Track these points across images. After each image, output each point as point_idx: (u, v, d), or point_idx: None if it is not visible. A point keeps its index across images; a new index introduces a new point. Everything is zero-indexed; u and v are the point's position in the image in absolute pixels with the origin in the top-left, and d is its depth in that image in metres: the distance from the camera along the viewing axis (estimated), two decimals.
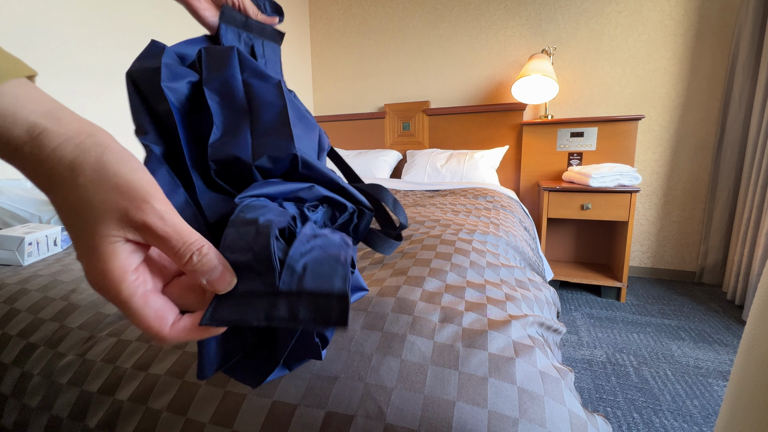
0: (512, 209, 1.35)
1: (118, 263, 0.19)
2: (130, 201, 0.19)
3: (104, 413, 0.39)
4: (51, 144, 0.18)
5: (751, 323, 0.24)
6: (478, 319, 0.45)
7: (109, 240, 0.19)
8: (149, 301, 0.20)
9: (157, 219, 0.19)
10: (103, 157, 0.19)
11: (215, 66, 0.34)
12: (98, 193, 0.18)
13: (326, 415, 0.33)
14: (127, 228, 0.19)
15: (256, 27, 0.42)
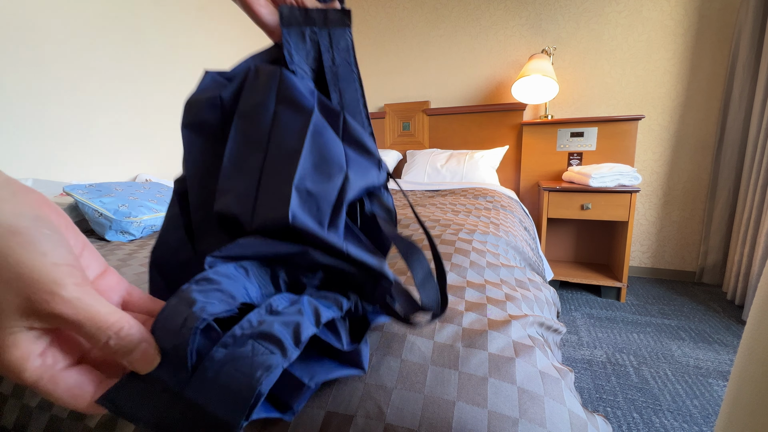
0: (512, 209, 1.35)
1: (18, 353, 0.17)
2: (34, 292, 0.16)
3: (104, 413, 0.39)
4: None
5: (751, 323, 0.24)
6: (478, 319, 0.45)
7: (9, 331, 0.17)
8: (59, 382, 0.18)
9: (67, 308, 0.17)
10: (3, 242, 0.16)
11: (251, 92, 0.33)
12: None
13: (326, 415, 0.33)
14: (31, 318, 0.17)
15: (318, 18, 0.37)
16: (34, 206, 0.18)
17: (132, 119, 1.52)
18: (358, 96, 0.39)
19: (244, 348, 0.21)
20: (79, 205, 0.96)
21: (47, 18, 1.22)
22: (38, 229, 0.17)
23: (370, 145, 0.34)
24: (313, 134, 0.32)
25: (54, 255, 0.17)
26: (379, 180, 0.34)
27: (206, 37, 1.88)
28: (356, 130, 0.35)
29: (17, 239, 0.17)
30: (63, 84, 1.28)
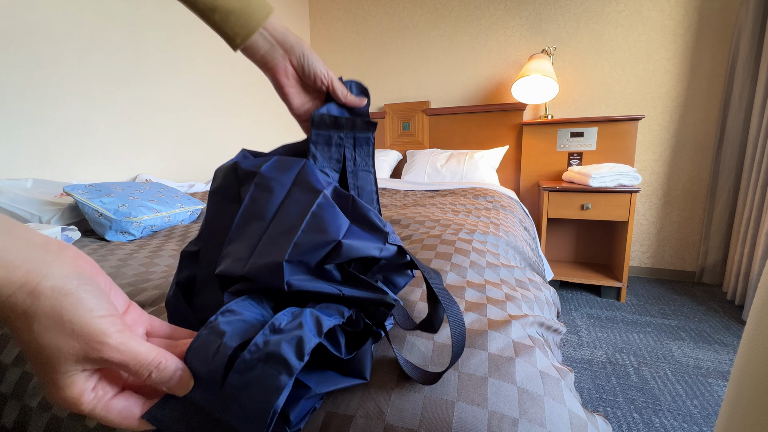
0: (512, 209, 1.35)
1: (76, 391, 0.20)
2: (86, 344, 0.20)
3: None
4: (3, 293, 0.18)
5: (751, 323, 0.24)
6: (478, 319, 0.45)
7: (68, 374, 0.20)
8: (111, 408, 0.22)
9: (114, 353, 0.20)
10: (57, 303, 0.19)
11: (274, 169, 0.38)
12: (54, 339, 0.19)
13: (326, 415, 0.33)
14: (85, 363, 0.20)
15: (346, 123, 0.43)
16: (74, 264, 0.21)
17: (132, 119, 1.52)
18: (373, 195, 0.45)
19: (254, 372, 0.24)
20: (79, 205, 0.96)
21: (47, 18, 1.22)
22: (83, 287, 0.21)
23: (377, 223, 0.37)
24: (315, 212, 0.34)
25: (98, 309, 0.21)
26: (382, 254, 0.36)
27: (206, 37, 1.88)
28: (364, 208, 0.38)
29: (69, 299, 0.20)
30: (63, 84, 1.28)
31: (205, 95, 1.89)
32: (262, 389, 0.23)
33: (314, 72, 0.41)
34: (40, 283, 0.19)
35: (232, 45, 0.39)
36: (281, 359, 0.24)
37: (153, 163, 1.63)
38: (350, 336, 0.35)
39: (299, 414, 0.30)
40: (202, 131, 1.89)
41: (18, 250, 0.19)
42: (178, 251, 0.85)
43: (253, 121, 2.27)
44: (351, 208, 0.38)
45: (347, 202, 0.38)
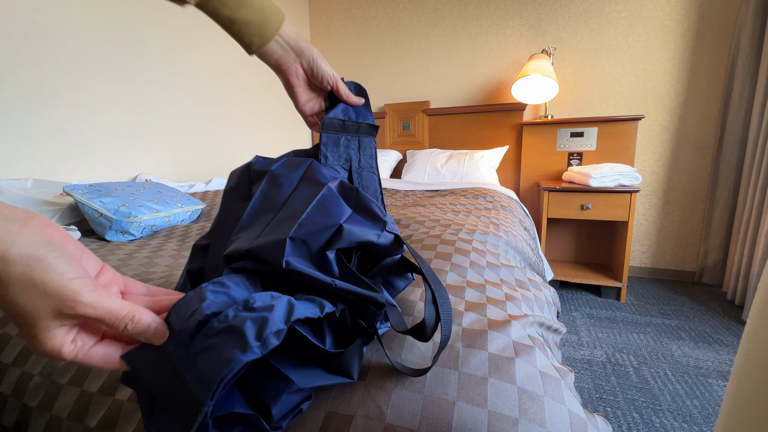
0: (512, 209, 1.35)
1: (56, 343, 0.22)
2: (60, 302, 0.21)
3: (104, 413, 0.39)
4: None
5: (751, 323, 0.24)
6: (478, 319, 0.45)
7: (47, 329, 0.22)
8: (92, 354, 0.24)
9: (88, 309, 0.22)
10: (28, 269, 0.21)
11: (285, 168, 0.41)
12: (29, 300, 0.21)
13: (326, 415, 0.33)
14: (62, 319, 0.22)
15: (351, 127, 0.48)
16: (41, 232, 0.22)
17: (132, 119, 1.52)
18: (378, 193, 0.50)
19: (214, 340, 0.25)
20: (79, 205, 0.96)
21: (47, 18, 1.22)
22: (51, 253, 0.22)
23: (378, 213, 0.40)
24: (320, 200, 0.37)
25: (69, 272, 0.22)
26: (380, 240, 0.38)
27: (206, 37, 1.88)
28: (367, 199, 0.41)
29: (38, 265, 0.21)
30: (63, 84, 1.28)
31: (205, 95, 1.89)
32: (216, 357, 0.24)
33: (322, 74, 0.45)
34: (8, 251, 0.20)
35: (248, 51, 0.42)
36: (240, 334, 0.25)
37: (153, 163, 1.63)
38: (340, 335, 0.36)
39: (281, 409, 0.30)
40: (202, 131, 1.89)
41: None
42: (178, 251, 0.85)
43: (252, 121, 2.27)
44: (354, 199, 0.40)
45: (352, 193, 0.41)
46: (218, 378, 0.24)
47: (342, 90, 0.47)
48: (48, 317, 0.21)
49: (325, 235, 0.35)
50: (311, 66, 0.45)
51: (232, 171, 0.44)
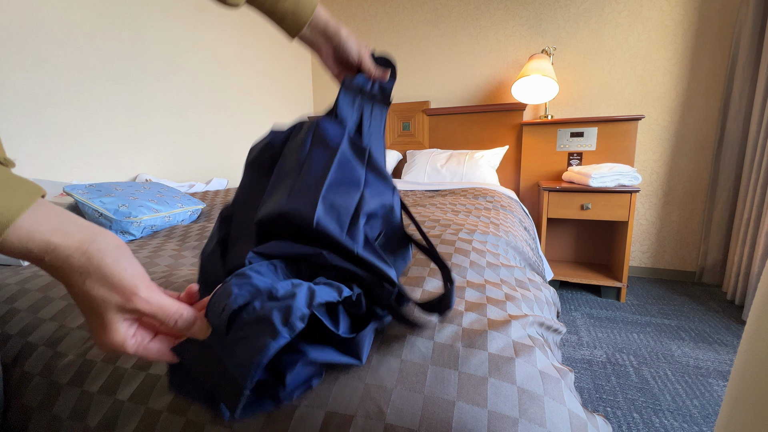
0: (512, 209, 1.35)
1: (120, 335, 0.27)
2: (122, 295, 0.26)
3: (104, 413, 0.39)
4: (62, 255, 0.25)
5: (751, 323, 0.24)
6: (478, 319, 0.45)
7: (113, 321, 0.26)
8: (149, 348, 0.29)
9: (144, 304, 0.27)
10: (102, 262, 0.26)
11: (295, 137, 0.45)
12: (100, 292, 0.26)
13: (326, 415, 0.33)
14: (124, 312, 0.27)
15: (368, 94, 0.52)
16: (113, 236, 0.28)
17: (132, 119, 1.52)
18: (383, 155, 0.53)
19: (247, 330, 0.29)
20: (79, 205, 0.96)
21: (47, 18, 1.22)
22: (120, 251, 0.27)
23: (387, 174, 0.45)
24: (338, 164, 0.41)
25: (131, 269, 0.27)
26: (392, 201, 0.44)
27: (206, 37, 1.88)
28: (378, 160, 0.45)
29: (109, 259, 0.26)
30: (63, 84, 1.28)
31: (205, 95, 1.89)
32: (251, 346, 0.28)
33: (347, 56, 0.52)
34: (90, 246, 0.26)
35: (287, 37, 0.50)
36: (269, 323, 0.28)
37: (153, 163, 1.63)
38: (354, 319, 0.38)
39: (295, 379, 0.33)
40: (202, 131, 1.89)
41: (73, 225, 0.26)
42: (178, 251, 0.85)
43: (252, 121, 2.27)
44: (367, 159, 0.45)
45: (364, 153, 0.45)
46: (255, 364, 0.27)
47: (366, 67, 0.53)
48: (113, 309, 0.26)
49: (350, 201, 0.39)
50: (338, 48, 0.52)
51: (252, 145, 0.48)
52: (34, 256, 0.25)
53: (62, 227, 0.25)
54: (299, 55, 2.72)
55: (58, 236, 0.25)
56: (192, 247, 0.89)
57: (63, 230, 0.25)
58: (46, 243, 0.25)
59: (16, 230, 0.24)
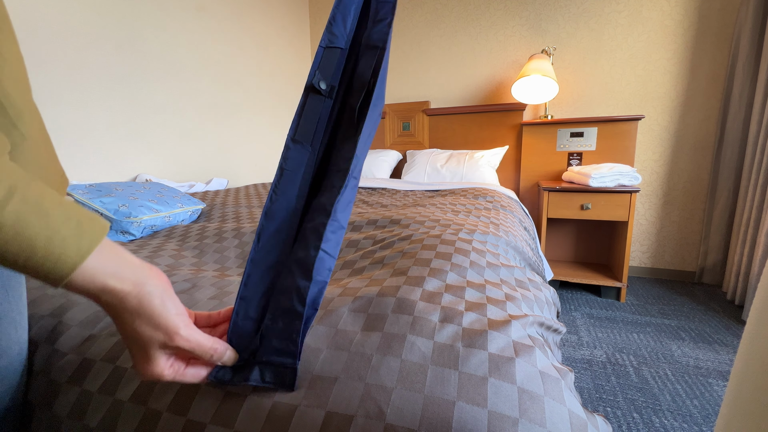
0: (512, 209, 1.35)
1: (161, 366, 0.30)
2: (166, 334, 0.29)
3: (104, 413, 0.39)
4: (118, 297, 0.27)
5: (751, 323, 0.24)
6: (478, 319, 0.45)
7: (155, 356, 0.30)
8: (184, 374, 0.32)
9: (184, 342, 0.30)
10: (151, 305, 0.28)
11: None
12: (147, 330, 0.29)
13: (326, 415, 0.33)
14: (165, 348, 0.30)
15: None
16: (161, 277, 0.30)
17: (132, 119, 1.52)
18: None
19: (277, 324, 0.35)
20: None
21: (47, 18, 1.22)
22: (166, 293, 0.30)
23: None
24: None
25: (175, 309, 0.30)
26: None
27: (206, 37, 1.88)
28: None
29: (156, 302, 0.29)
30: (62, 84, 1.28)
31: (205, 95, 1.89)
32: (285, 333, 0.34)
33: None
34: (142, 290, 0.28)
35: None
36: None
37: (153, 163, 1.63)
38: None
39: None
40: (202, 131, 1.89)
41: (128, 267, 0.28)
42: (178, 251, 0.85)
43: (252, 121, 2.26)
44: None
45: None
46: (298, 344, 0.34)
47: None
48: (156, 346, 0.29)
49: None
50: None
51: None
52: (92, 295, 0.27)
53: (119, 271, 0.27)
54: (299, 55, 2.72)
55: (114, 280, 0.27)
56: (192, 247, 0.89)
57: (119, 274, 0.27)
58: (104, 286, 0.27)
59: (80, 273, 0.25)
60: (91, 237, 0.26)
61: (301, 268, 0.34)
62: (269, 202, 0.37)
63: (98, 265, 0.26)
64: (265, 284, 0.36)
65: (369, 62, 0.37)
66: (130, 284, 0.28)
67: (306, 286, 0.33)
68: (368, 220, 0.98)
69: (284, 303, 0.34)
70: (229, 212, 1.25)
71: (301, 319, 0.33)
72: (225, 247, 0.88)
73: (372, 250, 0.76)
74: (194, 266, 0.78)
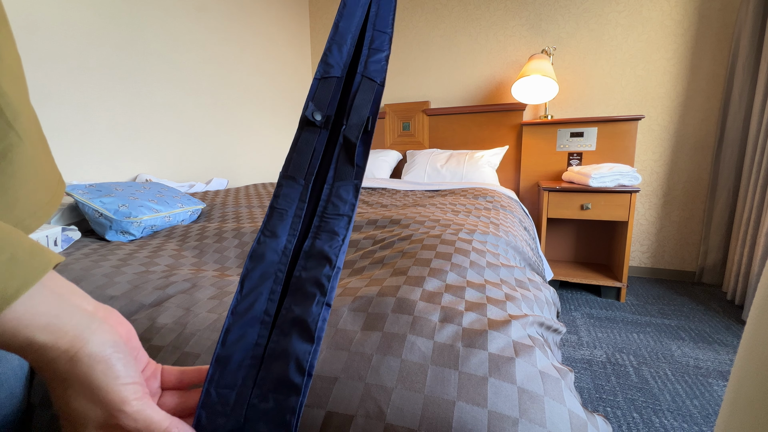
0: (512, 209, 1.35)
1: None
2: (107, 411, 0.22)
3: None
4: (47, 358, 0.21)
5: (751, 323, 0.24)
6: (478, 318, 0.45)
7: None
8: None
9: (130, 421, 0.22)
10: (90, 370, 0.21)
11: None
12: (82, 405, 0.22)
13: (326, 415, 0.33)
14: (105, 429, 0.22)
15: None
16: (112, 332, 0.23)
17: (132, 119, 1.52)
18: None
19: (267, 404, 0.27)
20: (79, 205, 0.96)
21: (47, 18, 1.22)
22: (115, 355, 0.23)
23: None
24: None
25: (125, 377, 0.23)
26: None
27: (206, 37, 1.88)
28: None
29: (100, 366, 0.22)
30: (62, 84, 1.28)
31: (205, 95, 1.89)
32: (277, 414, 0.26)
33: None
34: (81, 350, 0.21)
35: None
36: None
37: (153, 163, 1.63)
38: None
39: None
40: (202, 131, 1.89)
41: (70, 317, 0.22)
42: (178, 251, 0.85)
43: (252, 121, 2.26)
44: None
45: None
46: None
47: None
48: (93, 426, 0.22)
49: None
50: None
51: None
52: (16, 351, 0.21)
53: (56, 322, 0.21)
54: (299, 54, 2.72)
55: (46, 334, 0.21)
56: (192, 247, 0.89)
57: (55, 327, 0.21)
58: (30, 342, 0.20)
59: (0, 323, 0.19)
60: (24, 276, 0.20)
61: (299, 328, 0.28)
62: (256, 244, 0.32)
63: (26, 314, 0.20)
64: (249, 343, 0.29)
65: (367, 96, 0.35)
66: (66, 341, 0.21)
67: (307, 350, 0.27)
68: (368, 220, 0.98)
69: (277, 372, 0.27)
70: (229, 212, 1.25)
71: (299, 393, 0.26)
72: (225, 247, 0.88)
73: (372, 250, 0.76)
74: (194, 266, 0.78)
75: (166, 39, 1.66)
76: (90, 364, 0.21)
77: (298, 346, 0.28)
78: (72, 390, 0.21)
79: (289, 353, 0.27)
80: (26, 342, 0.20)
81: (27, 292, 0.20)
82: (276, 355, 0.28)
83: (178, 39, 1.72)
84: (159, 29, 1.62)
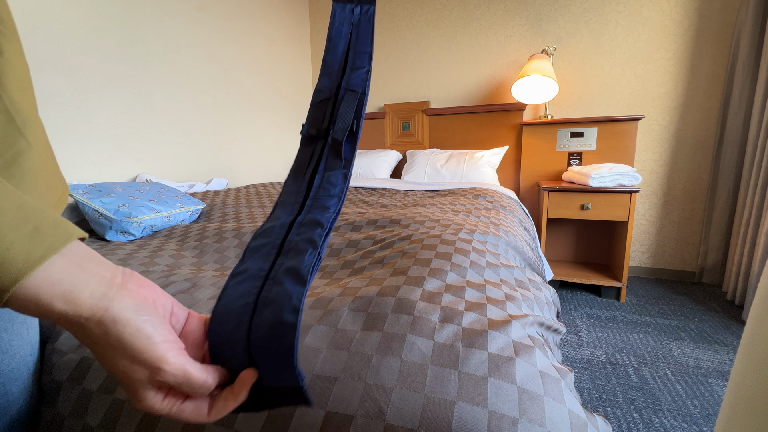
0: (512, 209, 1.35)
1: (150, 403, 0.25)
2: (149, 369, 0.23)
3: (105, 412, 0.39)
4: (74, 323, 0.22)
5: (751, 323, 0.24)
6: (478, 318, 0.45)
7: (139, 392, 0.24)
8: (182, 410, 0.27)
9: (170, 377, 0.24)
10: (119, 334, 0.22)
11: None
12: (124, 365, 0.23)
13: (326, 415, 0.33)
14: (151, 383, 0.24)
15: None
16: (134, 295, 0.24)
17: (132, 119, 1.52)
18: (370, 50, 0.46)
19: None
20: (79, 205, 0.96)
21: (47, 18, 1.22)
22: (141, 318, 0.24)
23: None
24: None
25: (156, 336, 0.24)
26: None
27: (206, 37, 1.88)
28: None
29: (129, 330, 0.23)
30: (62, 84, 1.28)
31: (205, 95, 1.89)
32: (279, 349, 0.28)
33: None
34: (104, 316, 0.22)
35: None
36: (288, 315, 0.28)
37: (153, 163, 1.63)
38: None
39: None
40: (202, 131, 1.89)
41: (86, 286, 0.22)
42: (178, 251, 0.85)
43: (252, 121, 2.27)
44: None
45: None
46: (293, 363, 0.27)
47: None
48: (140, 382, 0.24)
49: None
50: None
51: None
52: (41, 317, 0.22)
53: (72, 290, 0.21)
54: (299, 54, 2.72)
55: (63, 303, 0.21)
56: (192, 247, 0.89)
57: (72, 295, 0.21)
58: (50, 310, 0.21)
59: (22, 290, 0.20)
60: (47, 245, 0.21)
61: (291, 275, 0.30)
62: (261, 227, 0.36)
63: (44, 281, 0.20)
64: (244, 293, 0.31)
65: (351, 104, 0.39)
66: (86, 309, 0.22)
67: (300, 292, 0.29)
68: (368, 220, 0.98)
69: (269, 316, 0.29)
70: (229, 212, 1.25)
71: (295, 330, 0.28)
72: (225, 247, 0.88)
73: (372, 249, 0.76)
74: (194, 266, 0.78)
75: (165, 39, 1.66)
76: (118, 329, 0.22)
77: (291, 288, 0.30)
78: (111, 352, 0.23)
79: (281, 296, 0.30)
80: (46, 310, 0.21)
81: (51, 259, 0.21)
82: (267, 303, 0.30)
83: (178, 39, 1.72)
84: (159, 29, 1.62)
